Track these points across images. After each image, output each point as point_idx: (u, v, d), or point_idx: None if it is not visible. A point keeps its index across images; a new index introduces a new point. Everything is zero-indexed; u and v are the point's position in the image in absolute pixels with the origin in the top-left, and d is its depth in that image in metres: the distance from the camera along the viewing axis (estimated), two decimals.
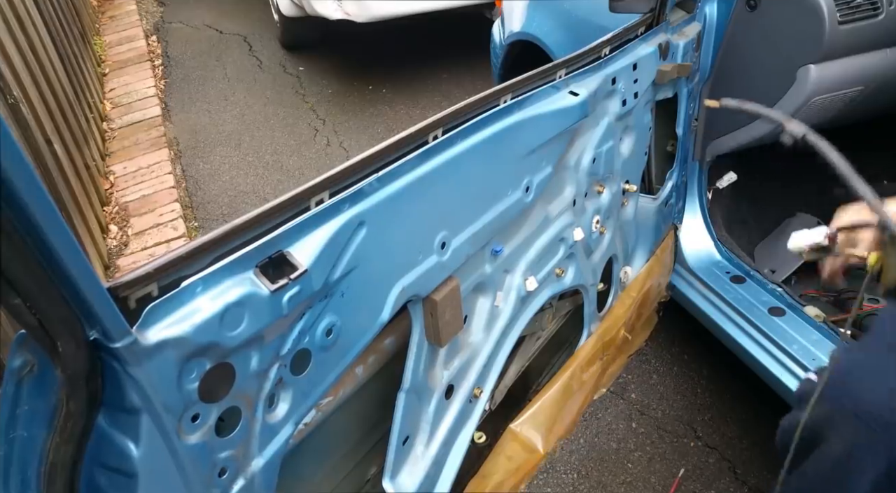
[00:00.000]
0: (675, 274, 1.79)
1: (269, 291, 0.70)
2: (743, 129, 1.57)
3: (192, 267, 0.66)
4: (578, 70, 1.18)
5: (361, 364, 1.05)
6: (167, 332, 0.63)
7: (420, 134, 0.89)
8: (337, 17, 3.25)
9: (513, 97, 1.04)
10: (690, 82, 1.53)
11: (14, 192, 0.47)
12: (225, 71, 4.07)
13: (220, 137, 3.43)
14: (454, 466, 1.14)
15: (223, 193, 3.01)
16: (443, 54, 4.00)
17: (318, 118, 3.54)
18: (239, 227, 0.70)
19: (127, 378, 0.61)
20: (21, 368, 0.59)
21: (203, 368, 0.68)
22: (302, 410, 0.83)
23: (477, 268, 1.09)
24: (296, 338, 0.78)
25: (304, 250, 0.75)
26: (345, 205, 0.79)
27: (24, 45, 2.36)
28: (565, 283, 1.33)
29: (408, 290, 0.92)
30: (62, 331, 0.55)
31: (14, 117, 1.99)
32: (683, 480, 1.68)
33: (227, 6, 4.95)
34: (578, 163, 1.25)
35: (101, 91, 3.74)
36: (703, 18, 1.53)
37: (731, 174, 1.81)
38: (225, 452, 0.74)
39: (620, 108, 1.31)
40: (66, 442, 0.61)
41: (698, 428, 1.80)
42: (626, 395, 1.91)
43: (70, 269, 0.53)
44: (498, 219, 1.06)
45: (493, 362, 1.18)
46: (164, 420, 0.66)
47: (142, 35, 4.44)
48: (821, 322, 1.53)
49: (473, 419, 1.18)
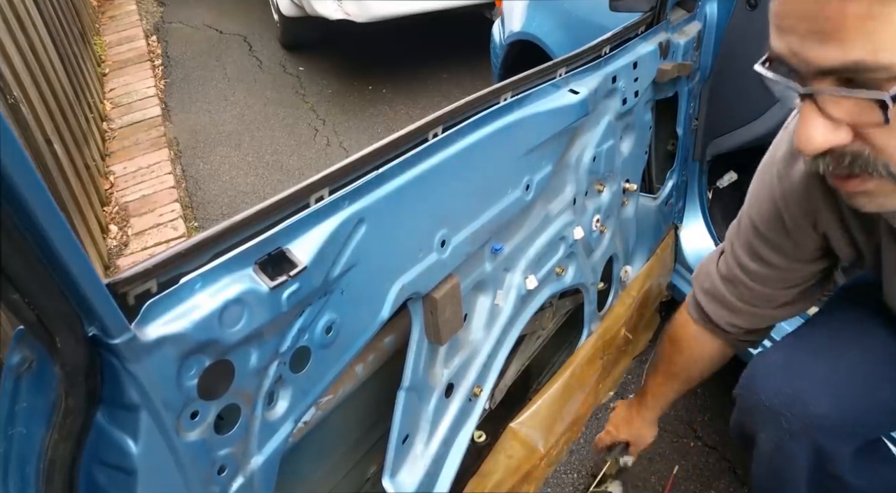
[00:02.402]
0: (675, 274, 1.79)
1: (269, 288, 0.70)
2: (743, 128, 1.57)
3: (191, 264, 0.66)
4: (579, 68, 1.18)
5: (361, 362, 1.05)
6: (166, 328, 0.63)
7: (420, 132, 0.89)
8: (337, 17, 3.25)
9: (513, 95, 1.04)
10: (691, 81, 1.53)
11: (12, 187, 0.47)
12: (225, 71, 4.07)
13: (220, 137, 3.43)
14: (454, 464, 1.14)
15: (223, 193, 3.01)
16: (443, 54, 4.00)
17: (318, 118, 3.54)
18: (238, 223, 0.70)
19: (126, 375, 0.61)
20: (20, 364, 0.59)
21: (202, 365, 0.67)
22: (301, 408, 0.83)
23: (477, 266, 1.09)
24: (295, 335, 0.78)
25: (303, 247, 0.75)
26: (344, 202, 0.79)
27: (24, 45, 2.36)
28: (565, 282, 1.33)
29: (407, 287, 0.92)
30: (61, 327, 0.55)
31: (14, 117, 1.99)
32: (683, 480, 1.67)
33: (227, 6, 4.95)
34: (579, 161, 1.25)
35: (101, 91, 3.74)
36: (704, 17, 1.53)
37: (731, 174, 1.81)
38: (224, 449, 0.74)
39: (621, 106, 1.31)
40: (65, 439, 0.61)
41: (698, 428, 1.80)
42: (626, 395, 1.91)
43: (69, 265, 0.53)
44: (498, 217, 1.06)
45: (493, 361, 1.18)
46: (163, 417, 0.65)
47: (142, 35, 4.44)
48: None
49: (473, 417, 1.17)
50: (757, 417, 1.04)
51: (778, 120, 1.49)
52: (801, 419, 0.98)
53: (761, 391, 1.03)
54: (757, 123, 1.54)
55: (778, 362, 1.05)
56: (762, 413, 1.03)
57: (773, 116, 1.49)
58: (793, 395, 0.99)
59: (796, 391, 0.99)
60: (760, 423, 1.04)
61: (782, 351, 1.07)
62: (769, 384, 1.02)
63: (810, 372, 1.00)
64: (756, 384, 1.05)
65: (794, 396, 0.99)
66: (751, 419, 1.06)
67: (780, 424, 1.00)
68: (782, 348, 1.08)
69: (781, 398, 1.00)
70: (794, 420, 0.99)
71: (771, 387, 1.02)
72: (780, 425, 1.00)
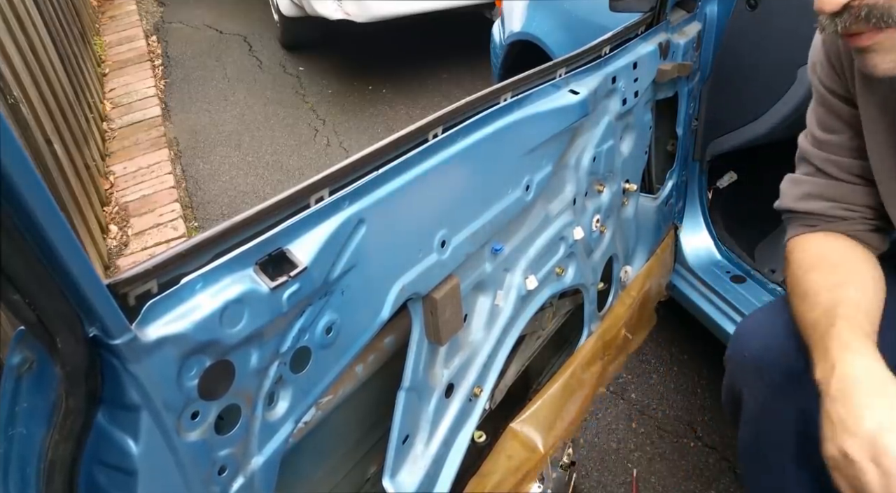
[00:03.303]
0: (675, 274, 1.79)
1: (269, 288, 0.70)
2: (743, 128, 1.57)
3: (191, 264, 0.66)
4: (579, 68, 1.18)
5: (361, 363, 1.05)
6: (167, 329, 0.63)
7: (420, 132, 0.89)
8: (337, 17, 3.26)
9: (513, 95, 1.04)
10: (691, 82, 1.53)
11: (12, 187, 0.47)
12: (225, 71, 4.07)
13: (220, 137, 3.43)
14: (454, 465, 1.14)
15: (223, 193, 3.01)
16: (443, 54, 4.00)
17: (318, 118, 3.54)
18: (239, 224, 0.70)
19: (126, 375, 0.61)
20: (20, 365, 0.59)
21: (203, 365, 0.67)
22: (302, 408, 0.83)
23: (477, 266, 1.09)
24: (295, 336, 0.78)
25: (303, 247, 0.75)
26: (345, 202, 0.79)
27: (24, 45, 2.37)
28: (565, 282, 1.33)
29: (408, 288, 0.92)
30: (61, 327, 0.55)
31: (14, 117, 1.99)
32: (683, 480, 1.68)
33: (227, 6, 4.95)
34: (579, 162, 1.25)
35: (101, 91, 3.74)
36: (704, 18, 1.53)
37: (731, 174, 1.81)
38: (224, 450, 0.74)
39: (621, 106, 1.31)
40: (66, 439, 0.61)
41: (698, 428, 1.80)
42: (626, 395, 1.91)
43: (69, 265, 0.53)
44: (498, 217, 1.06)
45: (493, 361, 1.18)
46: (164, 418, 0.65)
47: (142, 35, 4.44)
48: None
49: (473, 417, 1.17)
50: (743, 375, 1.03)
51: (778, 120, 1.49)
52: (785, 375, 0.96)
53: (746, 349, 1.02)
54: (757, 123, 1.54)
55: (764, 319, 1.04)
56: (748, 370, 1.01)
57: (773, 115, 1.49)
58: (776, 350, 0.97)
59: (780, 347, 0.97)
60: (746, 381, 1.02)
61: (769, 310, 1.06)
62: (754, 341, 1.01)
63: (795, 329, 0.97)
64: (741, 342, 1.03)
65: (777, 351, 0.97)
66: (737, 379, 1.04)
67: (765, 380, 0.98)
68: (769, 308, 1.07)
69: (767, 354, 0.98)
70: (778, 375, 0.97)
71: (756, 344, 1.01)
72: (765, 381, 0.98)
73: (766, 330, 1.01)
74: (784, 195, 1.08)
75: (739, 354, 1.03)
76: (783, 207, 1.08)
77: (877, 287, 0.91)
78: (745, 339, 1.04)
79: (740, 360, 1.03)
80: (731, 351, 1.06)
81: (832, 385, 0.77)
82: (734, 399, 1.08)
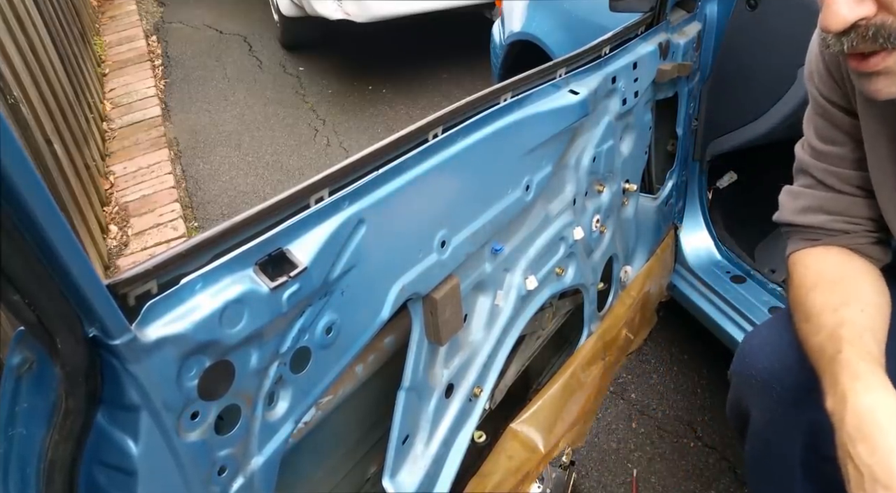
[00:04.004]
0: (675, 274, 1.79)
1: (269, 288, 0.70)
2: (743, 128, 1.57)
3: (191, 264, 0.66)
4: (579, 69, 1.18)
5: (361, 363, 1.05)
6: (166, 329, 0.63)
7: (420, 132, 0.89)
8: (337, 17, 3.25)
9: (513, 95, 1.04)
10: (690, 82, 1.53)
11: (12, 187, 0.47)
12: (225, 71, 4.07)
13: (220, 137, 3.43)
14: (454, 465, 1.14)
15: (223, 193, 3.01)
16: (443, 54, 4.00)
17: (318, 118, 3.54)
18: (238, 224, 0.70)
19: (126, 375, 0.61)
20: (20, 365, 0.59)
21: (202, 365, 0.68)
22: (301, 408, 0.83)
23: (477, 267, 1.09)
24: (295, 336, 0.78)
25: (303, 247, 0.75)
26: (344, 203, 0.79)
27: (24, 45, 2.36)
28: (565, 282, 1.33)
29: (407, 288, 0.92)
30: (61, 328, 0.55)
31: (14, 117, 1.99)
32: (683, 480, 1.68)
33: (227, 6, 4.95)
34: (579, 162, 1.25)
35: (101, 91, 3.74)
36: (704, 18, 1.53)
37: (731, 174, 1.81)
38: (224, 450, 0.74)
39: (621, 106, 1.31)
40: (66, 440, 0.61)
41: (698, 428, 1.80)
42: (626, 395, 1.91)
43: (69, 265, 0.53)
44: (498, 218, 1.06)
45: (493, 361, 1.18)
46: (164, 418, 0.65)
47: (142, 35, 4.44)
48: None
49: (473, 418, 1.17)
50: (750, 392, 1.02)
51: (778, 120, 1.49)
52: (792, 390, 0.95)
53: (753, 366, 1.01)
54: (757, 123, 1.54)
55: (769, 336, 1.03)
56: (755, 388, 1.00)
57: (773, 116, 1.49)
58: (785, 367, 0.96)
59: (788, 363, 0.96)
60: (753, 398, 1.02)
61: (774, 326, 1.05)
62: (761, 358, 1.00)
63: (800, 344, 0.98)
64: (748, 360, 1.02)
65: (786, 368, 0.96)
66: (744, 395, 1.04)
67: (772, 396, 0.98)
68: (774, 322, 1.06)
69: (773, 371, 0.97)
70: (786, 392, 0.96)
71: (762, 361, 1.00)
72: (772, 397, 0.98)
73: (773, 347, 1.00)
74: (783, 208, 1.07)
75: (746, 371, 1.02)
76: (783, 220, 1.07)
77: (880, 302, 0.90)
78: (751, 356, 1.02)
79: (747, 377, 1.02)
80: (737, 367, 1.05)
81: (847, 422, 0.76)
82: (741, 414, 1.07)
